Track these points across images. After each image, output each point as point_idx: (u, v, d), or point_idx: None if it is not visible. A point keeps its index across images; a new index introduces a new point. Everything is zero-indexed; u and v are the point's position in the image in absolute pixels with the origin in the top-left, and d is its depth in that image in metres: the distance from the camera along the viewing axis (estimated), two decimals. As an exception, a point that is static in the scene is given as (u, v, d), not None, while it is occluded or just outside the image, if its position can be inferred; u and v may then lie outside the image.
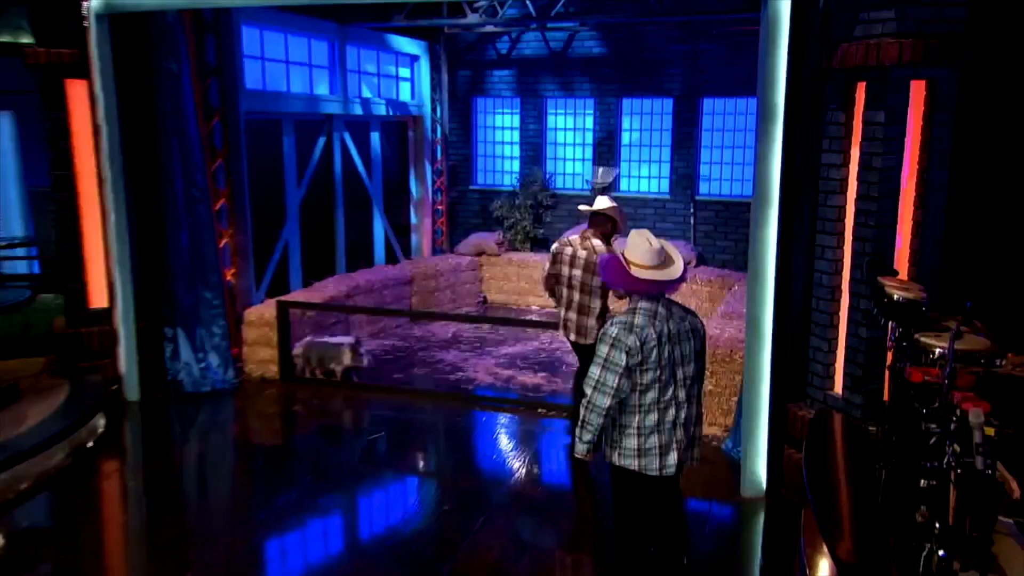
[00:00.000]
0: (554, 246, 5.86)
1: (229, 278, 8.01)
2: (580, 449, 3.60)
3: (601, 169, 11.48)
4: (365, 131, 10.84)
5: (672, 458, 3.59)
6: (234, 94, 7.93)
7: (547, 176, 11.88)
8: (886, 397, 4.63)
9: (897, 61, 4.64)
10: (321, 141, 9.89)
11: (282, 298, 8.03)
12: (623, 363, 3.44)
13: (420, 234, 12.13)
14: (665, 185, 11.36)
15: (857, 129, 5.03)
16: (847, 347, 5.15)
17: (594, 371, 3.50)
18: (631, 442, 3.55)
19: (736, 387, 6.32)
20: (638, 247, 3.54)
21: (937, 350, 3.65)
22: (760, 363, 5.28)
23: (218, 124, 7.81)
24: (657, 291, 3.54)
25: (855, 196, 5.02)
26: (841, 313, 5.27)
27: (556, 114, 11.88)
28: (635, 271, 3.51)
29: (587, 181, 11.68)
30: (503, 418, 6.90)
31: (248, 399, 7.34)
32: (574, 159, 11.89)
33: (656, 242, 3.56)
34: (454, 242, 12.19)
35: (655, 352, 3.48)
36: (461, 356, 8.74)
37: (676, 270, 3.54)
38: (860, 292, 4.95)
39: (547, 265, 5.92)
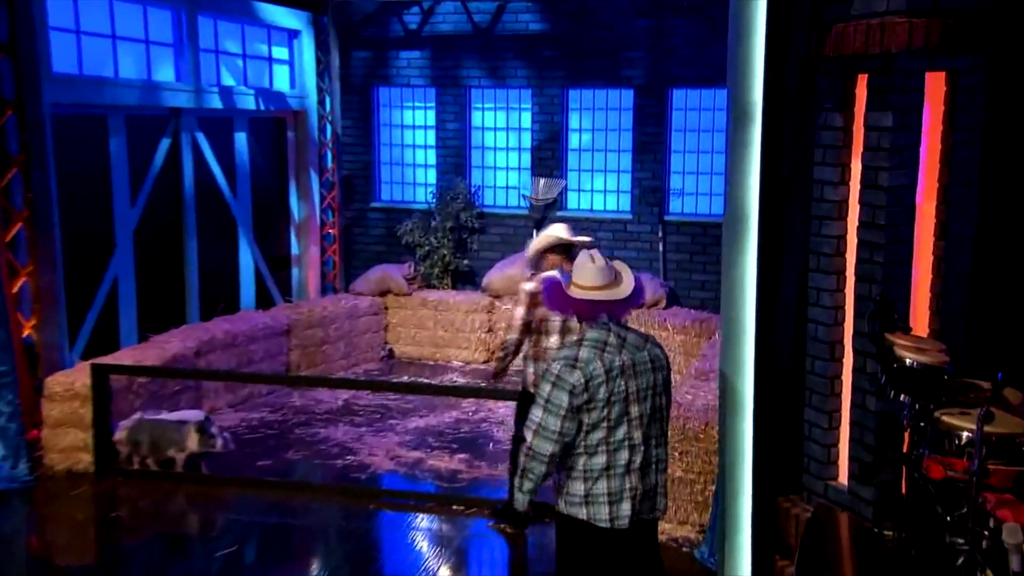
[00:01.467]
0: (530, 286, 6.27)
1: (28, 333, 7.78)
2: (519, 500, 4.04)
3: (543, 181, 11.47)
4: (227, 131, 10.72)
5: (625, 508, 3.97)
6: (35, 80, 7.74)
7: (472, 190, 11.84)
8: (904, 491, 4.58)
9: (907, 47, 4.66)
10: (165, 144, 9.75)
11: (101, 360, 7.80)
12: (566, 404, 3.87)
13: (304, 267, 11.99)
14: (626, 201, 11.38)
15: (858, 136, 5.04)
16: (852, 423, 5.13)
17: (535, 413, 3.92)
18: (577, 487, 3.96)
19: (714, 473, 6.24)
20: (582, 267, 4.11)
21: (964, 434, 3.59)
22: (739, 443, 5.16)
23: (12, 120, 7.63)
24: (603, 315, 4.06)
25: (857, 223, 5.03)
26: (844, 377, 5.25)
27: (483, 109, 11.86)
28: (574, 291, 4.05)
29: (524, 196, 11.66)
30: (409, 519, 6.88)
31: (48, 502, 7.10)
32: (507, 168, 11.87)
33: (601, 260, 4.11)
34: (350, 278, 12.06)
35: (603, 388, 3.90)
36: (354, 433, 8.65)
37: (623, 290, 4.07)
38: (867, 349, 4.94)
39: (520, 311, 6.29)
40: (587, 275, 4.06)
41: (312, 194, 11.90)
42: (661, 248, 11.02)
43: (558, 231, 6.36)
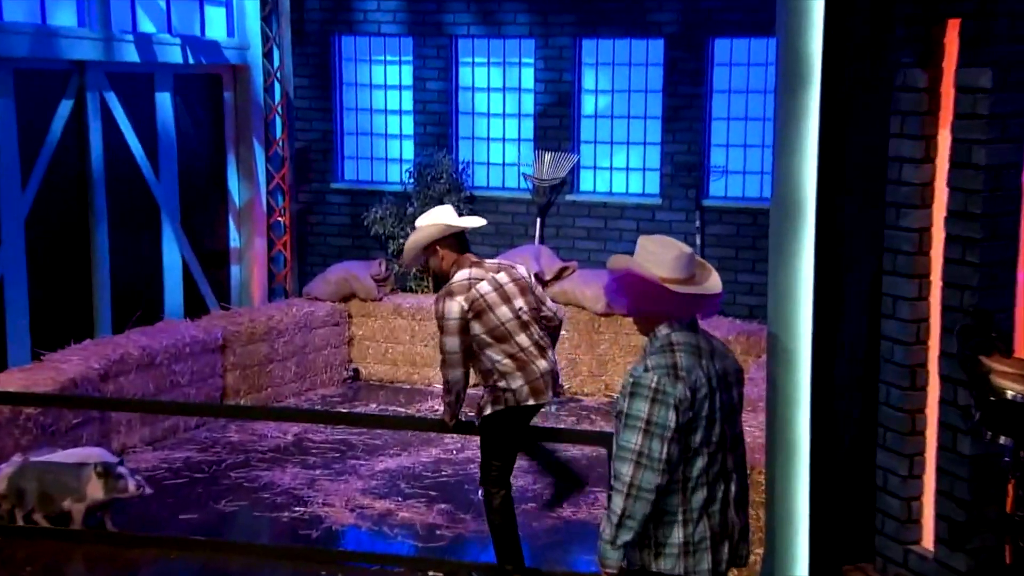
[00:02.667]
0: (457, 302, 6.09)
1: None
2: (614, 559, 3.98)
3: (549, 156, 11.49)
4: (146, 91, 10.76)
5: (725, 551, 4.12)
6: None
7: (460, 168, 11.88)
8: (1008, 560, 4.55)
9: (1010, -16, 4.61)
10: (65, 107, 9.78)
11: (-24, 386, 7.86)
12: (672, 423, 3.90)
13: (247, 265, 12.04)
14: (654, 182, 11.41)
15: (947, 99, 4.99)
16: (940, 470, 5.08)
17: (630, 438, 3.92)
18: (675, 534, 4.01)
19: (762, 531, 6.22)
20: (660, 255, 4.12)
21: (1082, 491, 3.51)
22: (794, 494, 5.16)
23: None
24: (691, 315, 4.16)
25: (946, 212, 4.99)
26: (928, 411, 5.21)
27: (473, 65, 11.89)
28: (672, 287, 4.07)
29: (526, 176, 11.67)
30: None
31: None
32: (504, 140, 11.91)
33: (682, 244, 4.20)
34: (304, 279, 12.11)
35: (707, 403, 4.00)
36: (306, 476, 8.66)
37: (716, 282, 4.22)
38: (957, 375, 4.87)
39: (452, 341, 6.10)
40: (670, 264, 4.11)
41: (256, 172, 11.91)
42: (698, 241, 11.04)
43: (445, 216, 6.21)
